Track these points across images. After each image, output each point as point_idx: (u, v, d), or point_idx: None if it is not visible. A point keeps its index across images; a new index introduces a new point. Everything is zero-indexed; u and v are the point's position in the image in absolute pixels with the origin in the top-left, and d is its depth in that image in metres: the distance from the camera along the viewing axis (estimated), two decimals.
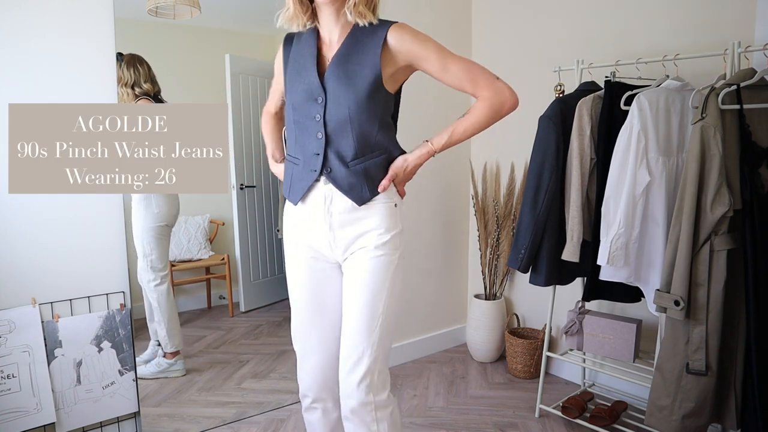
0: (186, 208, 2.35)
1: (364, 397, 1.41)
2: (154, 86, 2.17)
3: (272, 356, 2.55)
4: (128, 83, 2.12)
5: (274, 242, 2.62)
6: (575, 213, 2.09)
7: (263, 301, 2.64)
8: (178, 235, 2.39)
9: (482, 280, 3.09)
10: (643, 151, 1.86)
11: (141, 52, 2.15)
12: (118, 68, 2.04)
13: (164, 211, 2.22)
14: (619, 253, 1.90)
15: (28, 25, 1.91)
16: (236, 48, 2.39)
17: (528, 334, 2.94)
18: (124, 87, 2.11)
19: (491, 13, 3.03)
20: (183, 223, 2.39)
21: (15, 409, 1.91)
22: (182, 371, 2.33)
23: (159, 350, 2.27)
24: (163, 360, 2.27)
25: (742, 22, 2.06)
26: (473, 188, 3.04)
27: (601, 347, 2.25)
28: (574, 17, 2.63)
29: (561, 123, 2.12)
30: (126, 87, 2.12)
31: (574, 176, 2.09)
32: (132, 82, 2.13)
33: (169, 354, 2.28)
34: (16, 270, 1.96)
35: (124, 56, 2.10)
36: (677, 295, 1.67)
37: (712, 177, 1.63)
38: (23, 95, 1.92)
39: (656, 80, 2.02)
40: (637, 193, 1.87)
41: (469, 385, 2.75)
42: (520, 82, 2.91)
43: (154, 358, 2.27)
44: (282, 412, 2.43)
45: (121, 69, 2.09)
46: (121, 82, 2.08)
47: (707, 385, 1.69)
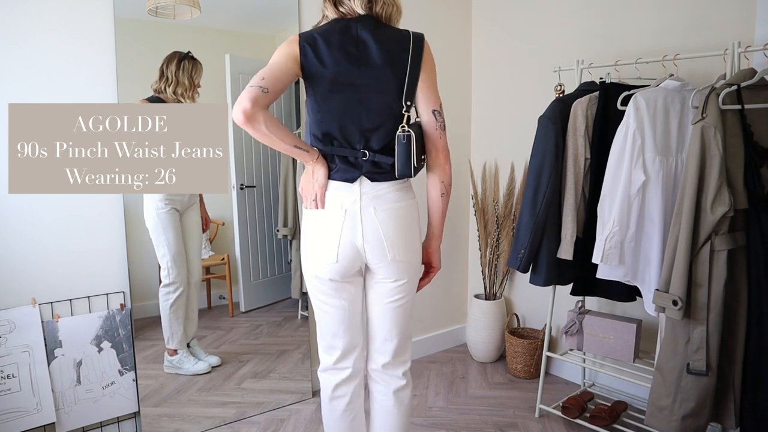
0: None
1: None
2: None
3: (272, 356, 2.55)
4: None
5: (274, 242, 2.62)
6: (569, 212, 2.11)
7: (263, 301, 2.64)
8: None
9: (482, 280, 3.09)
10: (639, 151, 1.86)
11: (141, 52, 2.15)
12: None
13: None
14: (613, 252, 1.90)
15: (29, 25, 1.91)
16: (236, 48, 2.39)
17: (528, 334, 2.94)
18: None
19: (491, 13, 3.03)
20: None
21: (15, 409, 1.91)
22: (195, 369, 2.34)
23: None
24: (167, 356, 2.29)
25: (742, 22, 2.06)
26: (473, 188, 3.04)
27: (601, 347, 2.26)
28: (574, 17, 2.63)
29: (560, 123, 2.12)
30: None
31: (569, 176, 2.11)
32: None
33: (170, 350, 2.29)
34: (16, 270, 1.96)
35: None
36: (676, 294, 1.67)
37: (712, 177, 1.63)
38: (23, 95, 1.92)
39: (656, 80, 2.02)
40: (632, 193, 1.87)
41: (469, 385, 2.75)
42: (520, 82, 2.93)
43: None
44: (282, 412, 2.43)
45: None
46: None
47: (707, 385, 1.69)
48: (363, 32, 1.45)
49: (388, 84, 1.45)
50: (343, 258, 1.48)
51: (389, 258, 1.49)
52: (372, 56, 1.44)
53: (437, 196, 1.56)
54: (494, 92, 3.06)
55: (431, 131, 1.50)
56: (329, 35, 1.44)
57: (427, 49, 1.49)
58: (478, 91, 3.15)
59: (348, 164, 1.47)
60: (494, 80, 3.05)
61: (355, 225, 1.47)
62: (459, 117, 3.14)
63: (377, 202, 1.47)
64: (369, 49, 1.44)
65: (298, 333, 2.62)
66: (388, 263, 1.50)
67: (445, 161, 1.53)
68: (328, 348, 1.62)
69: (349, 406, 1.63)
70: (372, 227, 1.47)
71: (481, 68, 3.12)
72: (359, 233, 1.47)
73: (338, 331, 1.58)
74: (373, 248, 1.48)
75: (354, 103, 1.45)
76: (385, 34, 1.46)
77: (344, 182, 1.47)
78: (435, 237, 1.62)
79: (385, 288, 1.56)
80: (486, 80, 3.10)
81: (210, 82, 2.34)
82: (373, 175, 1.47)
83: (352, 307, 1.57)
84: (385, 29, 1.48)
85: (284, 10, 2.47)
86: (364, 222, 1.47)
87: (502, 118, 3.03)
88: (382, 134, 1.47)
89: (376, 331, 1.61)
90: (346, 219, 1.46)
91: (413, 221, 1.54)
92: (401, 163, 1.45)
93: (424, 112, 1.50)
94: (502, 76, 3.01)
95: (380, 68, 1.44)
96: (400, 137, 1.44)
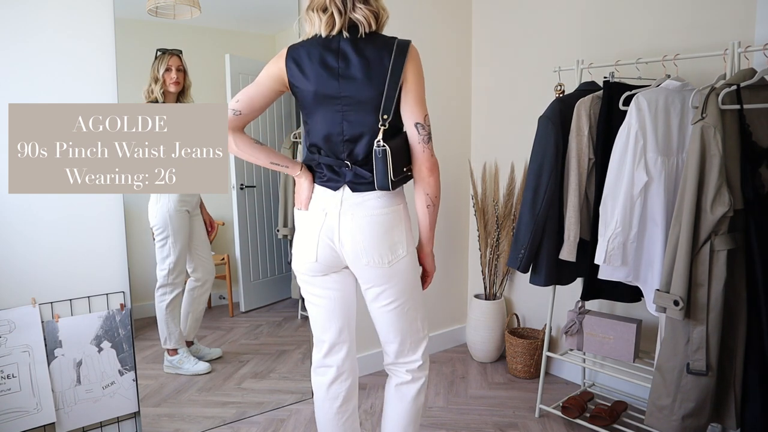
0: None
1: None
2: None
3: (272, 356, 2.55)
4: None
5: (274, 242, 2.62)
6: (572, 213, 2.10)
7: (263, 301, 2.64)
8: None
9: (482, 280, 3.09)
10: (641, 151, 1.86)
11: (141, 52, 2.15)
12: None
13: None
14: (615, 253, 1.90)
15: (29, 24, 1.91)
16: (236, 48, 2.39)
17: (528, 334, 2.94)
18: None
19: (491, 12, 3.03)
20: None
21: (15, 409, 1.91)
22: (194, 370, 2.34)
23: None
24: (167, 356, 2.29)
25: (742, 22, 2.06)
26: (473, 188, 3.04)
27: (601, 347, 2.25)
28: (574, 17, 2.63)
29: (560, 123, 2.12)
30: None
31: (572, 176, 2.10)
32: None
33: (170, 350, 2.29)
34: (16, 270, 1.96)
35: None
36: (677, 294, 1.67)
37: (712, 177, 1.63)
38: (23, 95, 1.92)
39: (656, 80, 2.02)
40: (634, 193, 1.87)
41: (469, 385, 2.75)
42: (520, 82, 2.93)
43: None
44: (282, 412, 2.43)
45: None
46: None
47: (707, 385, 1.69)
48: (344, 44, 1.44)
49: (368, 97, 1.44)
50: (321, 257, 1.54)
51: (364, 262, 1.51)
52: (352, 70, 1.43)
53: (423, 207, 1.56)
54: (494, 92, 3.06)
55: (414, 144, 1.49)
56: (311, 48, 1.46)
57: (411, 57, 1.45)
58: (478, 91, 3.15)
59: (333, 173, 1.52)
60: (494, 80, 3.05)
61: (332, 228, 1.51)
62: (459, 117, 3.14)
63: (356, 209, 1.50)
64: (350, 63, 1.43)
65: (298, 333, 2.62)
66: (362, 267, 1.52)
67: (429, 174, 1.51)
68: (318, 342, 1.66)
69: (341, 408, 1.65)
70: (348, 231, 1.50)
71: (481, 68, 3.12)
72: (336, 236, 1.51)
73: (325, 323, 1.62)
74: (347, 251, 1.52)
75: (336, 115, 1.47)
76: (368, 45, 1.44)
77: (328, 189, 1.52)
78: (425, 244, 1.64)
79: (370, 294, 1.58)
80: (486, 80, 3.10)
81: (210, 82, 2.34)
82: (355, 185, 1.50)
83: (340, 299, 1.60)
84: (369, 40, 1.45)
85: (284, 10, 2.47)
86: (341, 226, 1.50)
87: (502, 118, 3.03)
88: (363, 146, 1.48)
89: (378, 332, 1.66)
90: (325, 221, 1.52)
91: (398, 227, 1.53)
92: (380, 176, 1.46)
93: (407, 124, 1.49)
94: (502, 76, 3.01)
95: (360, 81, 1.43)
96: (377, 152, 1.44)
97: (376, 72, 1.43)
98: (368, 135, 1.47)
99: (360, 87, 1.43)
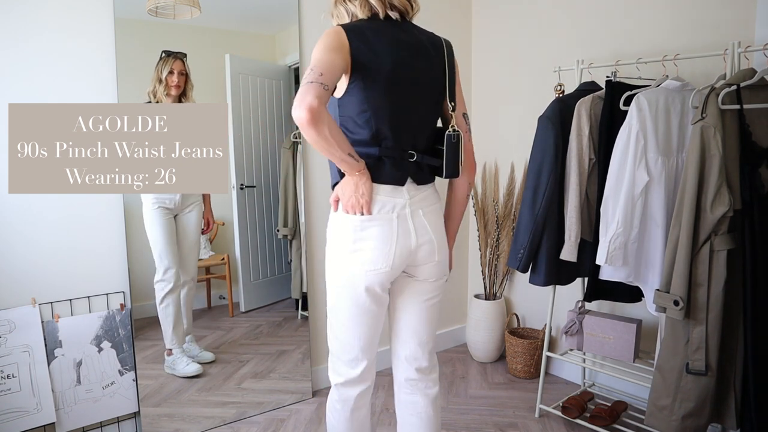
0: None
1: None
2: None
3: (272, 356, 2.55)
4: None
5: (274, 242, 2.62)
6: (573, 213, 2.09)
7: (263, 301, 2.64)
8: None
9: (482, 280, 3.09)
10: (642, 151, 1.86)
11: (141, 52, 2.15)
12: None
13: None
14: (617, 253, 1.90)
15: (29, 24, 1.91)
16: (236, 48, 2.39)
17: (528, 334, 2.94)
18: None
19: (491, 13, 3.03)
20: None
21: (15, 409, 1.91)
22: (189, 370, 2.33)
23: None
24: (166, 356, 2.29)
25: (742, 22, 2.06)
26: (473, 188, 3.04)
27: (601, 347, 2.25)
28: (574, 17, 2.63)
29: (560, 123, 2.12)
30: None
31: (573, 177, 2.09)
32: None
33: (167, 350, 2.29)
34: (16, 270, 1.96)
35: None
36: (677, 294, 1.67)
37: (712, 177, 1.63)
38: (23, 95, 1.92)
39: (656, 80, 2.02)
40: (635, 193, 1.87)
41: (469, 385, 2.75)
42: (520, 82, 2.93)
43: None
44: (282, 412, 2.43)
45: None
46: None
47: (707, 385, 1.69)
48: (406, 26, 1.42)
49: (437, 82, 1.43)
50: (397, 265, 1.40)
51: (437, 259, 1.47)
52: (423, 52, 1.40)
53: (463, 196, 1.55)
54: (494, 92, 3.06)
55: (462, 133, 1.48)
56: (371, 25, 1.34)
57: (453, 51, 1.50)
58: (478, 91, 3.15)
59: (396, 166, 1.38)
60: (494, 80, 3.05)
61: (408, 229, 1.40)
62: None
63: (423, 203, 1.43)
64: (420, 45, 1.40)
65: (298, 333, 2.62)
66: (435, 263, 1.48)
67: (474, 162, 1.54)
68: (353, 361, 1.51)
69: (365, 413, 1.60)
70: (423, 230, 1.42)
71: (481, 68, 3.12)
72: (412, 237, 1.40)
73: (372, 341, 1.50)
74: (425, 250, 1.43)
75: (409, 100, 1.37)
76: (421, 32, 1.45)
77: (393, 186, 1.38)
78: (452, 238, 1.62)
79: (424, 287, 1.51)
80: (486, 80, 3.10)
81: (210, 82, 2.34)
82: (417, 176, 1.42)
83: (383, 318, 1.52)
84: (417, 27, 1.46)
85: (284, 10, 2.47)
86: (416, 225, 1.41)
87: (502, 118, 3.03)
88: (427, 134, 1.44)
89: (409, 336, 1.55)
90: (399, 225, 1.39)
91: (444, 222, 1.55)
92: (451, 163, 1.40)
93: (456, 114, 1.47)
94: (502, 76, 3.01)
95: (430, 66, 1.41)
96: (450, 137, 1.38)
97: (438, 59, 1.43)
98: (432, 121, 1.45)
99: (430, 71, 1.41)
